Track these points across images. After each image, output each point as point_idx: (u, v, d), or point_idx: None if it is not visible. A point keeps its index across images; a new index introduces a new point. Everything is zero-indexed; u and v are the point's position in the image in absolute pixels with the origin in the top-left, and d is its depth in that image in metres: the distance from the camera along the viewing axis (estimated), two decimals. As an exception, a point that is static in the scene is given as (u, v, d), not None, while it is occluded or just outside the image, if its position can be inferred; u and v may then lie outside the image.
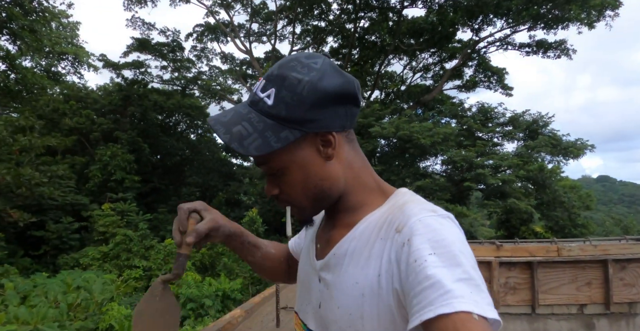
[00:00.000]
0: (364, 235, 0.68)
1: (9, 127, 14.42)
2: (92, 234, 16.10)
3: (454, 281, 0.50)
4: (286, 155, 0.67)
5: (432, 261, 0.52)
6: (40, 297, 8.73)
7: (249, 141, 0.63)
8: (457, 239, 0.57)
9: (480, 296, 0.49)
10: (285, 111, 0.64)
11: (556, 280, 4.35)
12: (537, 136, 14.83)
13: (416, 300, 0.51)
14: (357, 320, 0.63)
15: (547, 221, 14.64)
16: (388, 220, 0.66)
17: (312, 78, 0.65)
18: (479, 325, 0.46)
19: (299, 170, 0.68)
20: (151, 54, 20.93)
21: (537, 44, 16.94)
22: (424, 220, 0.59)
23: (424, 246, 0.55)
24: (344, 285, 0.66)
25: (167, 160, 23.14)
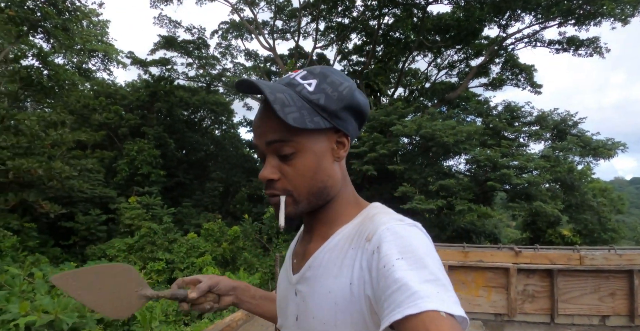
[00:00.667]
0: (338, 246, 0.71)
1: (42, 121, 14.99)
2: (119, 226, 16.61)
3: (420, 282, 0.51)
4: (309, 140, 0.70)
5: (400, 266, 0.54)
6: (68, 287, 9.06)
7: (289, 110, 0.65)
8: (423, 244, 0.60)
9: (446, 295, 0.51)
10: (324, 100, 0.69)
11: (578, 289, 4.21)
12: (565, 136, 14.29)
13: (386, 304, 0.53)
14: (331, 329, 0.65)
15: (576, 224, 14.15)
16: (359, 230, 0.69)
17: (352, 85, 0.73)
18: (447, 322, 0.47)
19: (314, 159, 0.71)
20: (177, 51, 21.32)
21: (568, 41, 16.29)
22: (391, 228, 0.62)
23: (392, 252, 0.57)
24: (317, 295, 0.69)
25: (192, 155, 23.58)
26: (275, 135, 0.69)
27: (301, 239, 0.85)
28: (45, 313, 3.78)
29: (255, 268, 14.39)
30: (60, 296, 5.53)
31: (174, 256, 14.67)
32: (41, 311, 3.83)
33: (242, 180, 23.48)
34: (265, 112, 0.70)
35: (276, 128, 0.69)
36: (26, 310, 3.85)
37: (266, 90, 0.64)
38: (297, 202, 0.72)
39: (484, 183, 13.85)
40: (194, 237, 15.79)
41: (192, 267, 14.11)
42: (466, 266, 4.57)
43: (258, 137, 0.72)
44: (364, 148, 15.23)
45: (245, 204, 21.63)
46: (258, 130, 0.72)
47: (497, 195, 15.58)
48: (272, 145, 0.70)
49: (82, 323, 3.93)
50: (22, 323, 3.76)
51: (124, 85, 23.89)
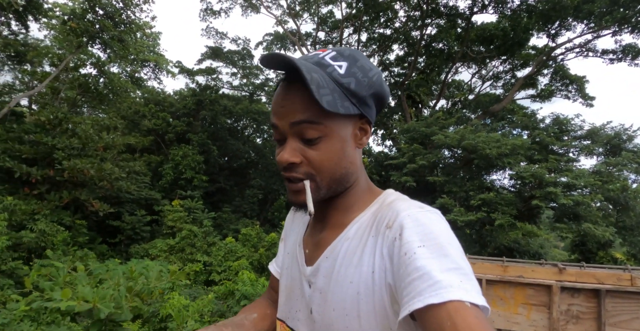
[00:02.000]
0: (357, 234, 0.69)
1: (96, 126, 15.99)
2: (162, 227, 17.26)
3: (442, 271, 0.51)
4: (338, 124, 0.68)
5: (422, 253, 0.54)
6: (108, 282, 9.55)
7: (324, 92, 0.63)
8: (445, 231, 0.58)
9: (470, 284, 0.50)
10: (355, 85, 0.67)
11: (628, 313, 3.91)
12: (619, 152, 13.39)
13: (406, 291, 0.52)
14: (354, 320, 0.63)
15: (630, 247, 13.15)
16: (378, 218, 0.68)
17: (380, 72, 0.72)
18: (472, 312, 0.47)
19: (340, 144, 0.69)
20: (223, 61, 22.13)
21: (624, 50, 15.35)
22: (412, 215, 0.61)
23: (413, 239, 0.57)
24: (338, 286, 0.67)
25: (234, 162, 24.20)
26: (303, 116, 0.66)
27: (311, 228, 0.83)
28: (85, 301, 3.98)
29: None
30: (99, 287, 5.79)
31: (212, 259, 15.03)
32: (81, 300, 4.04)
33: (281, 188, 23.78)
34: (293, 90, 0.67)
35: (305, 109, 0.66)
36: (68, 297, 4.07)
37: (303, 69, 0.60)
38: (319, 188, 0.70)
39: (529, 200, 13.23)
40: (232, 241, 16.13)
41: (228, 271, 14.38)
42: (505, 282, 4.37)
43: (281, 116, 0.68)
44: (403, 160, 15.02)
45: (284, 212, 21.87)
46: (281, 109, 0.68)
47: (544, 213, 14.78)
48: (297, 126, 0.66)
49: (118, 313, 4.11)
50: (63, 306, 3.98)
51: (172, 93, 25.04)
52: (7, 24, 14.55)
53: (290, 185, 0.71)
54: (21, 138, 13.20)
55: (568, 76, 17.58)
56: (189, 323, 8.89)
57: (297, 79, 0.64)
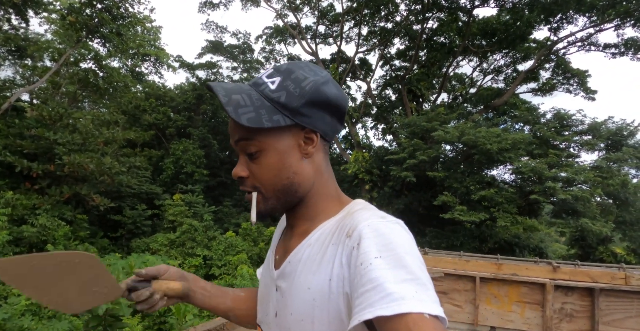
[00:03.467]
0: (318, 241, 0.70)
1: (96, 120, 16.00)
2: (163, 222, 17.34)
3: (397, 282, 0.51)
4: (271, 138, 0.71)
5: (377, 264, 0.54)
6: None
7: (243, 110, 0.66)
8: (404, 242, 0.58)
9: (426, 294, 0.50)
10: (285, 98, 0.69)
11: (621, 312, 3.93)
12: (620, 147, 13.31)
13: (358, 301, 0.52)
14: (308, 325, 0.65)
15: (630, 242, 13.14)
16: (340, 226, 0.68)
17: (317, 79, 0.72)
18: (430, 323, 0.47)
19: (277, 157, 0.71)
20: (223, 55, 22.09)
21: (626, 44, 15.18)
22: (372, 225, 0.61)
23: (370, 249, 0.56)
24: (296, 291, 0.68)
25: (234, 156, 24.02)
26: (239, 134, 0.71)
27: (284, 235, 0.85)
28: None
29: (289, 270, 14.55)
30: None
31: (212, 254, 15.11)
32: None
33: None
34: None
35: (239, 128, 0.71)
36: None
37: (220, 93, 0.67)
38: (266, 199, 0.73)
39: (529, 195, 13.20)
40: (232, 235, 16.20)
41: (228, 265, 14.47)
42: (499, 279, 4.39)
43: (231, 136, 0.74)
44: (404, 155, 14.98)
45: (284, 206, 21.95)
46: (230, 129, 0.75)
47: (544, 208, 14.76)
48: (238, 143, 0.72)
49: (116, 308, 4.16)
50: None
51: (173, 87, 25.03)
52: (7, 18, 14.51)
53: (245, 195, 0.76)
54: (22, 133, 13.23)
55: (570, 70, 17.43)
56: (188, 317, 8.93)
57: None
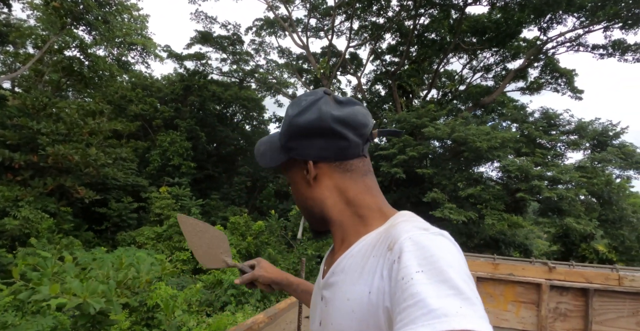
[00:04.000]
0: (360, 252, 0.70)
1: (81, 110, 15.59)
2: (149, 215, 17.10)
3: (439, 297, 0.49)
4: (287, 172, 0.85)
5: (419, 279, 0.52)
6: (96, 271, 9.46)
7: (263, 157, 0.85)
8: (447, 255, 0.56)
9: (471, 309, 0.48)
10: (280, 138, 0.82)
11: (614, 312, 4.01)
12: (605, 147, 13.61)
13: (400, 317, 0.51)
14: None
15: (612, 240, 13.49)
16: (382, 238, 0.67)
17: (292, 113, 0.78)
18: None
19: (294, 187, 0.84)
20: (212, 46, 21.70)
21: (614, 45, 15.46)
22: (414, 237, 0.60)
23: (411, 263, 0.55)
24: (337, 302, 0.69)
25: (222, 149, 23.99)
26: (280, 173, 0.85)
27: (333, 248, 0.87)
28: (75, 296, 3.92)
29: (279, 264, 14.51)
30: (89, 280, 5.72)
31: (200, 248, 14.98)
32: (71, 294, 3.97)
33: (270, 176, 23.72)
34: None
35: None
36: (56, 292, 4.00)
37: (256, 148, 0.89)
38: (307, 220, 0.87)
39: (515, 192, 13.41)
40: (220, 228, 16.08)
41: (216, 259, 14.38)
42: (495, 279, 4.43)
43: None
44: (393, 151, 15.04)
45: (272, 200, 21.85)
46: None
47: (530, 205, 15.04)
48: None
49: (108, 308, 4.08)
50: (53, 304, 3.93)
51: (160, 78, 24.58)
52: (-13, 3, 13.98)
53: None
54: (3, 122, 12.82)
55: (558, 69, 17.70)
56: (176, 313, 8.86)
57: None
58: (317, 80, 22.84)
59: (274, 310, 2.52)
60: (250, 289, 1.09)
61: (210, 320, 9.36)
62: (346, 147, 0.77)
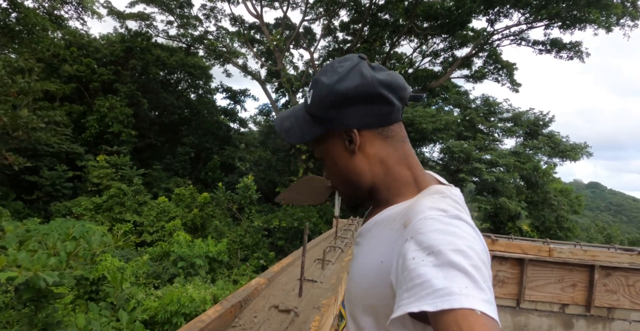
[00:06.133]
0: (383, 222, 0.73)
1: (7, 67, 14.03)
2: (86, 184, 16.14)
3: (445, 278, 0.50)
4: (322, 145, 0.80)
5: (428, 261, 0.53)
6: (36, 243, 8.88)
7: (291, 132, 0.80)
8: (461, 237, 0.57)
9: (476, 291, 0.48)
10: (315, 109, 0.77)
11: (543, 279, 4.62)
12: (537, 136, 14.93)
13: (405, 295, 0.53)
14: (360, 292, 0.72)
15: (534, 220, 14.94)
16: (403, 213, 0.69)
17: (331, 81, 0.74)
18: (481, 320, 0.45)
19: (330, 161, 0.80)
20: (158, 7, 20.25)
21: (552, 43, 16.77)
22: (428, 218, 0.60)
23: (422, 245, 0.56)
24: (359, 262, 0.75)
25: (165, 117, 22.91)
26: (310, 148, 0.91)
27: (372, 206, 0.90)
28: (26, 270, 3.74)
29: (226, 236, 14.50)
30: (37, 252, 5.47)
31: (143, 219, 14.52)
32: (18, 266, 3.79)
33: (215, 147, 23.17)
34: None
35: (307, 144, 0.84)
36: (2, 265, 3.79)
37: (277, 124, 0.84)
38: (343, 195, 0.85)
39: (455, 173, 14.37)
40: (164, 201, 15.64)
41: (161, 231, 14.05)
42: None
43: None
44: (343, 128, 15.30)
45: (217, 172, 21.48)
46: None
47: (467, 186, 16.21)
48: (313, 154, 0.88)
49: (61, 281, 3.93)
50: (2, 278, 3.71)
51: (98, 37, 22.62)
52: None
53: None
54: None
55: (500, 61, 18.82)
56: (124, 285, 8.64)
57: None
58: (269, 51, 22.31)
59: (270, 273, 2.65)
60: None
61: (160, 292, 9.25)
62: (390, 112, 0.75)
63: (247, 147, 24.64)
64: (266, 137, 23.71)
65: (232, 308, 1.32)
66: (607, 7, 13.80)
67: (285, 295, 2.12)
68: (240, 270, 12.84)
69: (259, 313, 1.43)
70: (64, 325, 5.42)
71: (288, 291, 2.26)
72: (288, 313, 1.42)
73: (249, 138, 25.73)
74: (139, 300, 8.33)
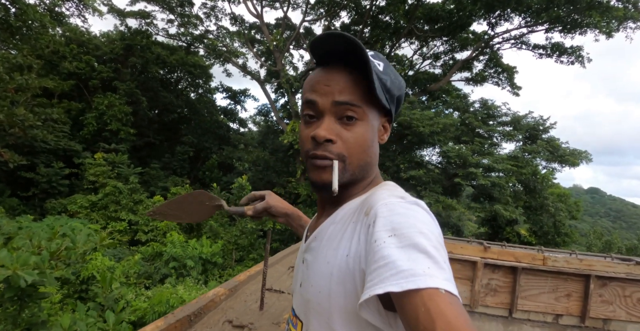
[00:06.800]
0: (342, 219, 0.72)
1: (6, 63, 13.98)
2: (82, 182, 16.05)
3: (409, 260, 0.51)
4: (373, 113, 0.73)
5: (391, 243, 0.54)
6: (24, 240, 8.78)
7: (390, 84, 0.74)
8: (420, 221, 0.58)
9: (438, 271, 0.50)
10: (390, 83, 0.74)
11: (537, 288, 4.50)
12: (536, 140, 14.82)
13: (370, 277, 0.53)
14: (325, 298, 0.68)
15: (532, 225, 14.86)
16: (362, 205, 0.70)
17: (402, 81, 0.78)
18: (446, 298, 0.47)
19: (369, 132, 0.73)
20: (159, 5, 20.19)
21: (553, 47, 16.66)
22: (389, 204, 0.62)
23: (385, 228, 0.57)
24: (318, 265, 0.71)
25: (165, 116, 22.83)
26: (349, 97, 0.69)
27: (318, 214, 0.88)
28: (2, 267, 3.65)
29: (221, 237, 14.39)
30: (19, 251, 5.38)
31: (138, 218, 14.41)
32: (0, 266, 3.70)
33: (214, 147, 23.08)
34: (340, 72, 0.71)
35: (351, 92, 0.69)
36: None
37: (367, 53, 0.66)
38: (345, 171, 0.72)
39: (453, 177, 14.26)
40: (160, 200, 15.52)
41: (156, 230, 13.94)
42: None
43: (324, 94, 0.70)
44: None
45: (215, 172, 21.38)
46: (326, 87, 0.70)
47: (465, 189, 16.11)
48: (340, 106, 0.70)
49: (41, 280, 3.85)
50: (-21, 277, 3.64)
51: (99, 34, 22.58)
52: None
53: (317, 161, 0.72)
54: None
55: (501, 64, 18.73)
56: (114, 285, 8.53)
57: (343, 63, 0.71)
58: (269, 51, 22.23)
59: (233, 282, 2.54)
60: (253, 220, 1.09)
61: (150, 292, 9.15)
62: (397, 114, 0.81)
63: (246, 147, 24.56)
64: (265, 137, 23.61)
65: (178, 323, 1.21)
66: (608, 10, 13.69)
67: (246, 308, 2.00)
68: (235, 271, 12.74)
69: (211, 329, 1.32)
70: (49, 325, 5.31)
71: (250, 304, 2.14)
72: (242, 329, 1.32)
73: (247, 138, 25.66)
74: (129, 300, 8.23)
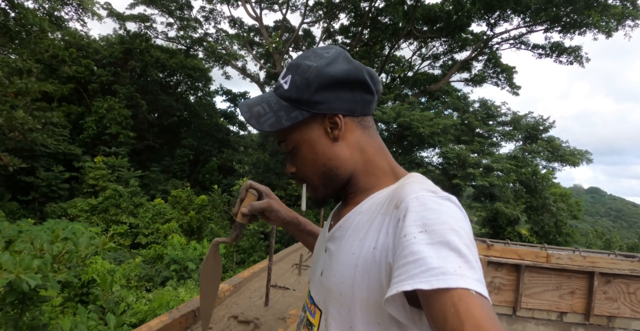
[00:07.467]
0: (369, 210, 0.71)
1: (6, 67, 13.99)
2: (82, 185, 16.03)
3: (439, 257, 0.50)
4: (298, 134, 0.76)
5: (421, 239, 0.53)
6: (25, 244, 8.74)
7: (264, 119, 0.73)
8: (452, 218, 0.57)
9: (469, 271, 0.49)
10: (296, 93, 0.73)
11: (541, 286, 4.47)
12: (536, 140, 14.81)
13: (398, 272, 0.52)
14: (348, 288, 0.67)
15: (533, 225, 14.82)
16: (391, 197, 0.68)
17: (319, 64, 0.73)
18: (477, 300, 0.46)
19: (308, 149, 0.76)
20: (158, 8, 20.24)
21: (552, 47, 16.68)
22: (421, 198, 0.60)
23: (415, 223, 0.56)
24: (342, 255, 0.71)
25: (164, 119, 22.84)
26: (277, 138, 0.80)
27: (340, 204, 0.88)
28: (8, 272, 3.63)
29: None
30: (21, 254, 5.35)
31: (139, 221, 14.39)
32: (5, 270, 3.68)
33: (214, 150, 23.06)
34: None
35: (274, 133, 0.79)
36: None
37: (243, 111, 0.76)
38: (314, 188, 0.80)
39: (452, 178, 14.24)
40: (160, 202, 15.51)
41: (156, 233, 13.90)
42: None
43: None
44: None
45: (215, 174, 21.36)
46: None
47: (466, 190, 16.11)
48: (280, 145, 0.79)
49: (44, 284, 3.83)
50: (-18, 280, 3.61)
51: (98, 38, 22.60)
52: None
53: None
54: None
55: (500, 65, 18.75)
56: (114, 288, 8.51)
57: None
58: (268, 54, 22.25)
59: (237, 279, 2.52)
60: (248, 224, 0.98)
61: (151, 295, 9.10)
62: (370, 101, 0.77)
63: (246, 149, 24.57)
64: (265, 139, 23.61)
65: (182, 318, 1.19)
66: (606, 9, 13.70)
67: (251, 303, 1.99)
68: (236, 273, 12.69)
69: (216, 324, 1.30)
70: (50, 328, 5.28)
71: (255, 300, 2.12)
72: (248, 324, 1.30)
73: (247, 140, 25.66)
74: (130, 303, 8.18)
